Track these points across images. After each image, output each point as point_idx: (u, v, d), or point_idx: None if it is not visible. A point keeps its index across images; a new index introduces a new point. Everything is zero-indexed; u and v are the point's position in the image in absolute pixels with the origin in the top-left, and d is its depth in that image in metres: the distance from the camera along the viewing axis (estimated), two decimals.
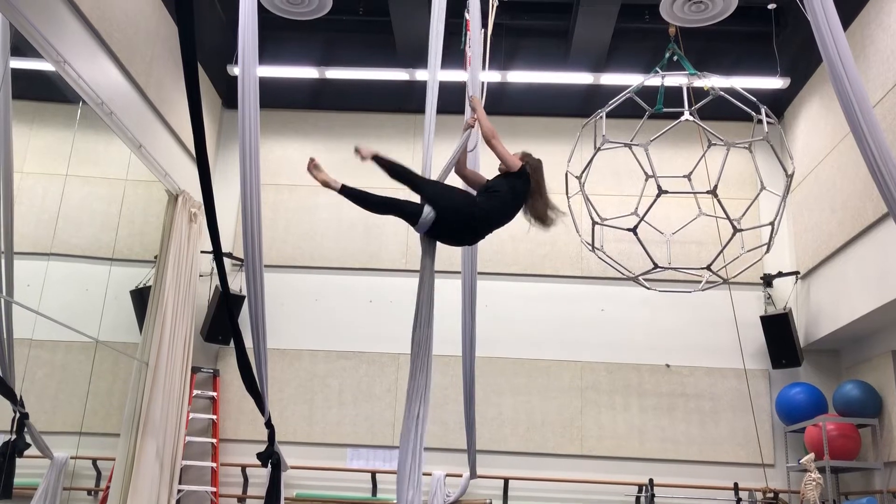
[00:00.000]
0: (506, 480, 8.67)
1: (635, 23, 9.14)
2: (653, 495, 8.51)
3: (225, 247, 8.14)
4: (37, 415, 6.29)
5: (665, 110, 7.00)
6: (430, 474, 8.43)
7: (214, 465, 8.60)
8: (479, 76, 5.77)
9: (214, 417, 8.80)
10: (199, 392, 8.75)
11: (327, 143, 10.02)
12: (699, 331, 9.14)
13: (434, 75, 5.18)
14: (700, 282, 7.37)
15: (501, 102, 9.50)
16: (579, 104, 9.48)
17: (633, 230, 6.93)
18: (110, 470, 7.73)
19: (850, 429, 7.98)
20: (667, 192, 6.68)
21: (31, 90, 6.74)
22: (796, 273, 9.05)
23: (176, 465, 7.96)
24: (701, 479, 8.66)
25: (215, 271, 5.42)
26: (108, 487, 7.65)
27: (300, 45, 9.70)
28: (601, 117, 6.99)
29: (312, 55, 9.67)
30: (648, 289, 7.40)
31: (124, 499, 7.25)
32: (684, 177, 7.26)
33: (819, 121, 8.65)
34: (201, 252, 8.71)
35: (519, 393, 9.08)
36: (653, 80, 7.05)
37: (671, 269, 7.29)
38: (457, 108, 5.85)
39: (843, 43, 4.42)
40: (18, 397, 6.06)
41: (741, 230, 6.81)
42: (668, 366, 9.10)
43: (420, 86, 9.56)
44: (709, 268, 6.96)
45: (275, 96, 9.03)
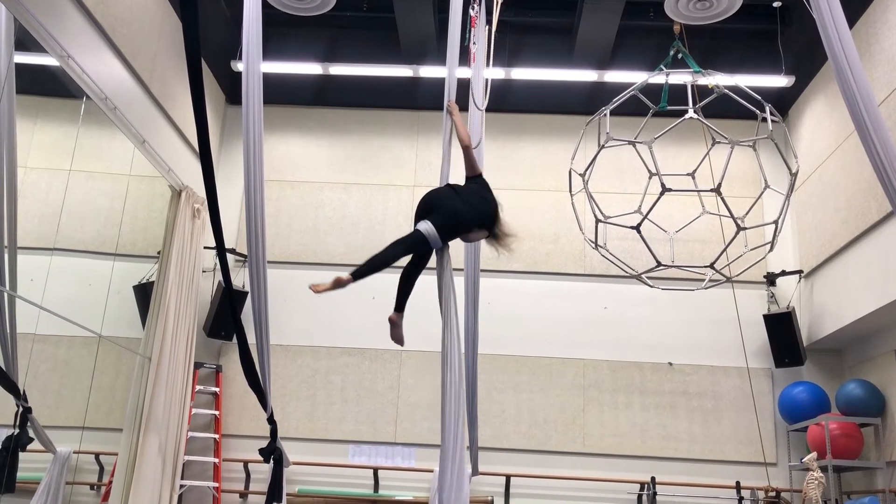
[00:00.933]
0: (508, 478, 8.68)
1: (640, 20, 9.12)
2: (655, 493, 8.51)
3: (228, 242, 8.12)
4: (40, 409, 6.31)
5: (669, 108, 6.99)
6: (431, 471, 8.44)
7: (217, 460, 8.61)
8: (483, 73, 5.77)
9: (217, 413, 8.81)
10: (201, 387, 8.76)
11: (331, 139, 10.02)
12: (702, 329, 9.13)
13: (452, 72, 5.34)
14: (703, 280, 7.36)
15: (505, 99, 9.49)
16: (583, 102, 9.46)
17: (637, 228, 6.92)
18: (113, 465, 7.74)
19: (852, 428, 7.97)
20: (670, 190, 6.67)
21: (35, 85, 6.75)
22: (800, 272, 9.03)
23: (178, 460, 7.97)
24: (703, 477, 8.65)
25: (218, 267, 5.42)
26: (110, 482, 7.67)
27: (304, 41, 9.70)
28: (605, 115, 6.98)
29: (316, 51, 9.66)
30: (652, 287, 7.40)
31: (127, 493, 7.26)
32: (688, 175, 7.24)
33: (824, 119, 8.63)
34: (204, 248, 8.72)
35: (521, 390, 9.08)
36: (657, 78, 7.04)
37: (674, 267, 7.28)
38: (461, 104, 5.83)
39: (848, 41, 4.41)
40: (21, 392, 6.08)
41: (745, 228, 6.80)
42: (670, 364, 9.09)
43: (424, 82, 9.61)
44: (712, 266, 6.95)
45: (278, 92, 9.03)
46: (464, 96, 5.79)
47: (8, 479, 5.97)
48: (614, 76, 9.19)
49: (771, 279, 9.15)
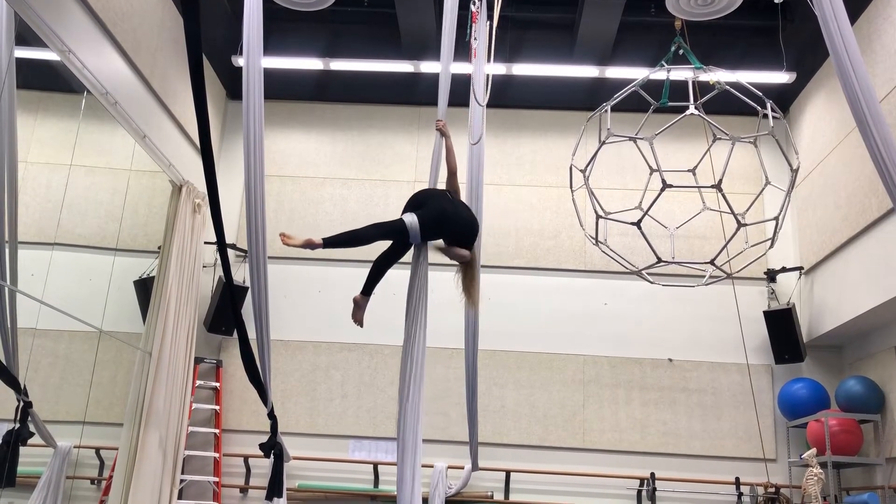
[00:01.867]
0: (507, 473, 8.69)
1: (641, 16, 9.11)
2: (654, 489, 8.52)
3: (228, 238, 8.15)
4: (40, 404, 6.32)
5: (670, 104, 6.98)
6: (432, 466, 8.45)
7: (217, 455, 8.63)
8: (483, 68, 5.77)
9: (217, 408, 8.82)
10: (202, 382, 8.78)
11: (332, 134, 10.02)
12: (702, 325, 9.13)
13: (445, 85, 5.39)
14: (704, 276, 7.37)
15: (506, 95, 9.49)
16: (584, 97, 9.46)
17: (637, 224, 6.92)
18: (113, 459, 7.75)
19: (852, 424, 7.98)
20: (671, 186, 6.67)
21: (35, 80, 6.75)
22: (800, 268, 9.03)
23: (179, 454, 7.98)
24: (702, 473, 8.67)
25: (219, 262, 5.42)
26: (111, 477, 7.68)
27: (305, 36, 9.68)
28: (606, 111, 6.98)
29: (317, 46, 9.65)
30: (652, 283, 7.40)
31: (127, 488, 7.27)
32: (689, 171, 7.24)
33: (825, 116, 8.62)
34: (205, 243, 8.72)
35: (521, 386, 9.09)
36: (658, 74, 7.03)
37: (675, 263, 7.29)
38: (462, 99, 5.84)
39: (850, 37, 4.40)
40: (22, 386, 6.09)
41: (745, 225, 6.80)
42: (670, 360, 9.10)
43: (425, 78, 9.59)
44: (712, 262, 6.95)
45: (279, 88, 9.02)
46: (465, 92, 5.79)
47: (8, 473, 5.99)
48: (615, 72, 9.18)
49: (771, 276, 9.15)
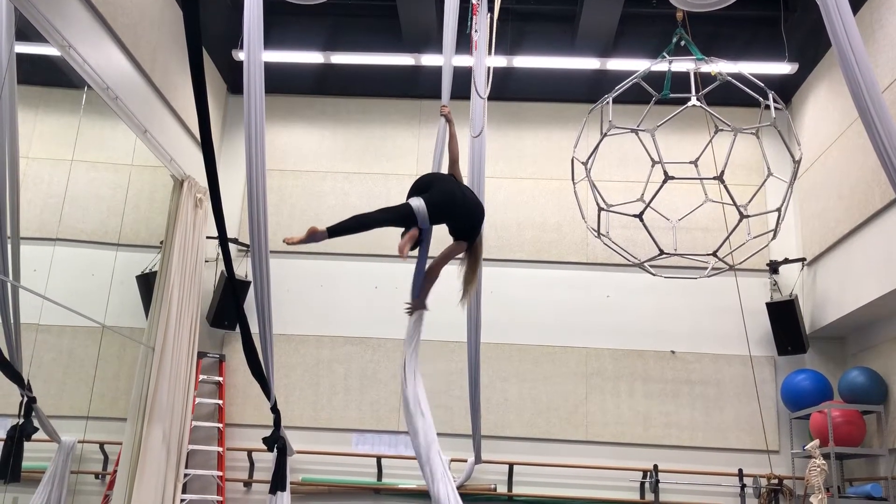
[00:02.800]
0: (511, 466, 8.70)
1: (642, 7, 9.08)
2: (657, 481, 8.53)
3: (230, 232, 8.15)
4: (44, 399, 6.33)
5: (672, 96, 6.96)
6: None
7: (220, 449, 8.65)
8: (484, 61, 5.76)
9: (220, 402, 8.84)
10: (205, 377, 8.79)
11: (333, 128, 10.00)
12: (705, 317, 9.12)
13: (448, 76, 5.41)
14: (706, 268, 7.36)
15: (507, 87, 9.47)
16: (586, 90, 9.43)
17: (640, 216, 6.91)
18: (117, 454, 7.79)
19: (855, 415, 7.98)
20: (673, 178, 6.66)
21: (36, 75, 6.75)
22: (803, 259, 9.02)
23: (182, 449, 8.01)
24: (705, 465, 8.67)
25: (221, 257, 5.43)
26: (115, 471, 7.71)
27: (305, 30, 9.66)
28: (608, 103, 6.96)
29: (318, 40, 9.62)
30: (654, 275, 7.39)
31: (131, 482, 7.30)
32: (691, 163, 7.23)
33: (827, 106, 8.59)
34: (207, 237, 8.71)
35: (524, 379, 9.10)
36: (660, 66, 7.01)
37: (677, 255, 7.27)
38: (463, 92, 5.83)
39: (852, 27, 4.39)
40: (26, 381, 6.10)
41: (748, 216, 6.79)
42: (673, 352, 9.10)
43: (426, 71, 9.57)
44: (715, 254, 6.95)
45: (280, 81, 8.99)
46: (466, 84, 5.78)
47: (13, 468, 6.01)
48: (617, 64, 9.15)
49: (774, 267, 9.13)
